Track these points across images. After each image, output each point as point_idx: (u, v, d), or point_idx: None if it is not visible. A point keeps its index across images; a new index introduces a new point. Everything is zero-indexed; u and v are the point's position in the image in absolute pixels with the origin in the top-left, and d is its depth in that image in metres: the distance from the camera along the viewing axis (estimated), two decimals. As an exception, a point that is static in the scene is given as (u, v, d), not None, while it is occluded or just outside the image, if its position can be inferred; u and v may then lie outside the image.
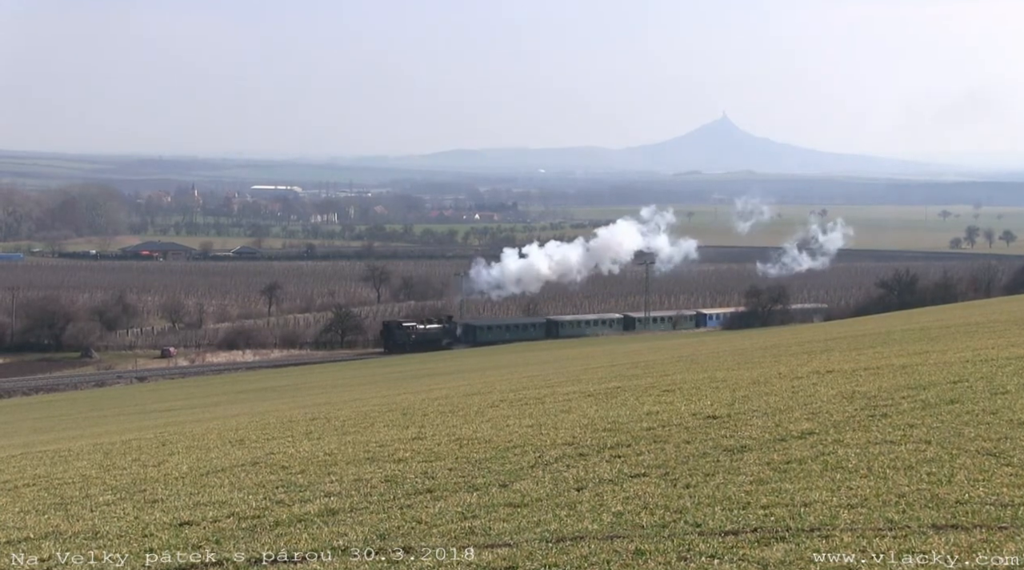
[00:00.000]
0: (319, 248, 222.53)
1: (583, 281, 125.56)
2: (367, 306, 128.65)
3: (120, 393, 67.98)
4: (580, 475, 9.96)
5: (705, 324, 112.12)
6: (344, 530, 8.54)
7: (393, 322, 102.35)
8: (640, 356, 41.71)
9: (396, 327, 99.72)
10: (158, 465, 14.02)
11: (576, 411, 15.49)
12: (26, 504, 11.73)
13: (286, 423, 19.32)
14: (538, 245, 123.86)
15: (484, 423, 15.05)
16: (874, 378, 16.15)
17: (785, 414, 12.66)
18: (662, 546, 7.33)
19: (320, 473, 11.50)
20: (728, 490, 8.78)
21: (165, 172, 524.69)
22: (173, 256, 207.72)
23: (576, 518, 8.28)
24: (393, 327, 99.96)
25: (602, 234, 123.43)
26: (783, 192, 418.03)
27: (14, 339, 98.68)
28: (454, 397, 22.29)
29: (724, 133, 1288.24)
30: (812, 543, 7.15)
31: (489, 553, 7.51)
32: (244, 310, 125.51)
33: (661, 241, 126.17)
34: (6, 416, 50.18)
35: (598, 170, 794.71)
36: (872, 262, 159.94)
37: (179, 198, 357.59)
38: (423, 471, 10.95)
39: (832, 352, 24.74)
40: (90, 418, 41.29)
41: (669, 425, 12.58)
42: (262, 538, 8.58)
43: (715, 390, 16.60)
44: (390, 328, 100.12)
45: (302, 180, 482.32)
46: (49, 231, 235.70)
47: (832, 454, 9.92)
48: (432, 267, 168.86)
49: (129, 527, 9.52)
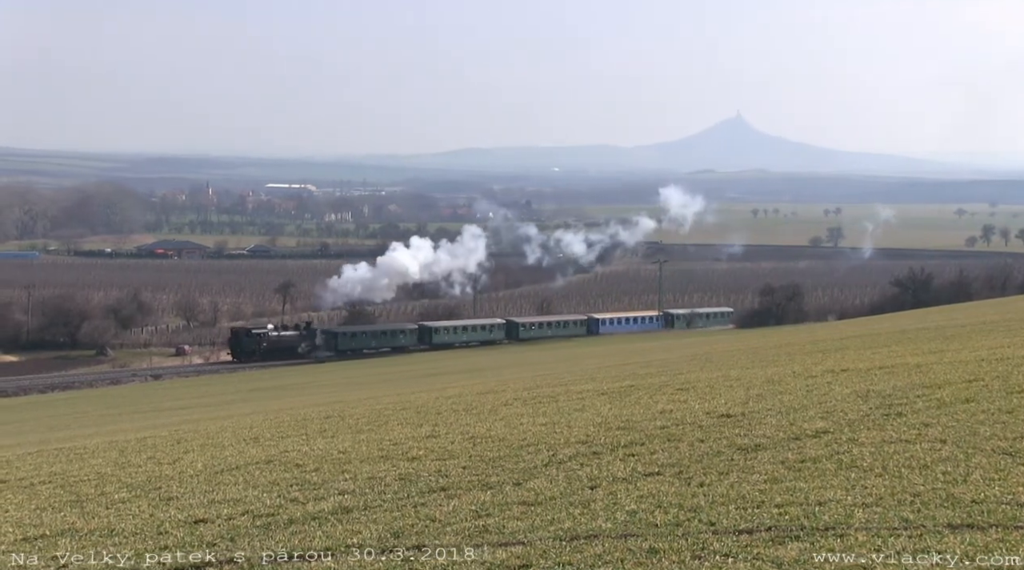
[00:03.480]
0: (333, 246, 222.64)
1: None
2: (382, 305, 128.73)
3: (135, 391, 68.21)
4: (594, 473, 9.96)
5: (598, 331, 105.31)
6: (358, 528, 8.55)
7: (241, 328, 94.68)
8: (652, 355, 41.65)
9: (245, 334, 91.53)
10: (173, 463, 14.07)
11: (590, 409, 15.47)
12: (42, 501, 11.79)
13: (300, 421, 19.36)
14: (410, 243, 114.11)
15: (498, 421, 15.05)
16: (889, 377, 16.09)
17: (799, 413, 12.63)
18: (676, 545, 7.32)
19: (334, 471, 11.52)
20: (742, 489, 8.76)
21: (179, 171, 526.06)
22: (188, 254, 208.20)
23: (590, 516, 8.27)
24: (241, 334, 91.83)
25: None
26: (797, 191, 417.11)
27: (30, 337, 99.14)
28: (468, 395, 22.30)
29: (738, 131, 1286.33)
30: (827, 542, 7.13)
31: (503, 551, 7.51)
32: (258, 308, 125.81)
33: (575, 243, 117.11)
34: (22, 414, 50.41)
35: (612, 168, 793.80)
36: (886, 260, 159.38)
37: (194, 196, 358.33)
38: (437, 469, 10.95)
39: (846, 351, 24.66)
40: (105, 416, 41.44)
41: (683, 424, 12.56)
42: (276, 536, 8.61)
43: (729, 389, 16.56)
44: (238, 335, 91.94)
45: (316, 178, 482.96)
46: (64, 229, 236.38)
47: (847, 453, 9.89)
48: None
49: (144, 525, 9.55)
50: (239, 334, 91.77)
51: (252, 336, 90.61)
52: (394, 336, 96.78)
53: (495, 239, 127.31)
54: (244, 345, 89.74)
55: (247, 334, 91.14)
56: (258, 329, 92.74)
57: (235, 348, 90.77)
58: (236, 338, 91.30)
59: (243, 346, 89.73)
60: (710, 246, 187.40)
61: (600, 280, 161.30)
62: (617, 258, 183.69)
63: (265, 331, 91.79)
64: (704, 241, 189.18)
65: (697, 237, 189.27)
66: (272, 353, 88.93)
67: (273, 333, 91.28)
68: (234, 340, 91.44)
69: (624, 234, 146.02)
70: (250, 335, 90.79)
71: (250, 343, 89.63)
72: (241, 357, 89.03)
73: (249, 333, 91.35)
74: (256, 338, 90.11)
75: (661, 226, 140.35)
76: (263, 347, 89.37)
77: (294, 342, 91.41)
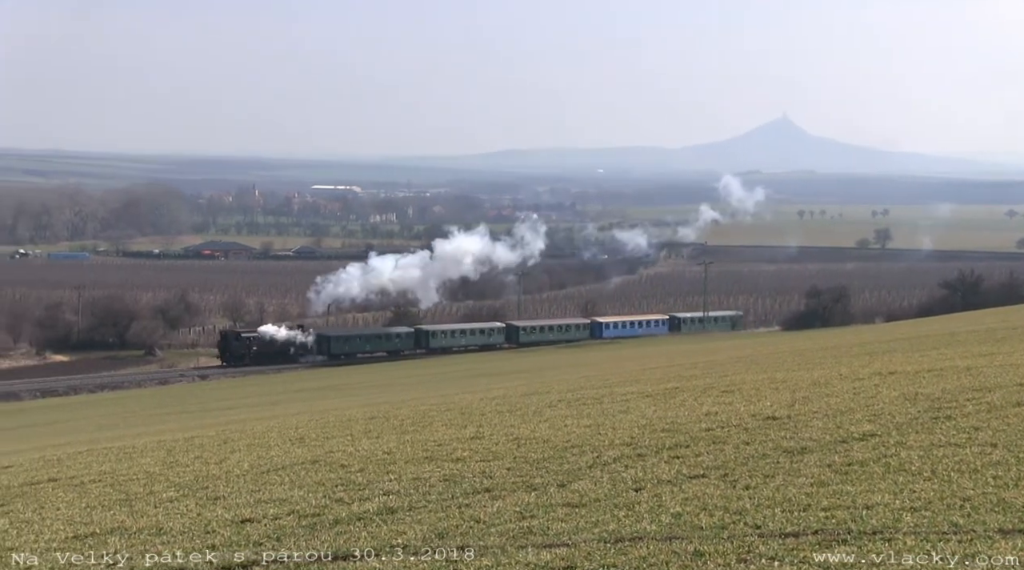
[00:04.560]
0: (378, 247, 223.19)
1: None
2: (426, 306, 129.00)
3: (182, 391, 68.88)
4: (638, 475, 9.93)
5: (601, 335, 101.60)
6: (403, 529, 8.59)
7: (231, 331, 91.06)
8: (699, 356, 41.44)
9: (234, 337, 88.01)
10: (220, 462, 14.19)
11: (634, 411, 15.43)
12: (92, 500, 11.93)
13: (345, 422, 19.45)
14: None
15: (542, 423, 15.05)
16: (938, 380, 15.91)
17: (846, 415, 12.52)
18: (721, 548, 7.29)
19: (379, 472, 11.57)
20: (788, 492, 8.70)
21: (226, 172, 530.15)
22: (234, 255, 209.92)
23: (635, 519, 8.25)
24: (231, 337, 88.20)
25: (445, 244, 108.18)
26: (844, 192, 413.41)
27: (80, 337, 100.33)
28: (512, 397, 22.31)
29: (784, 132, 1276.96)
30: (875, 546, 7.06)
31: (547, 553, 7.51)
32: (304, 309, 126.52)
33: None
34: (72, 413, 51.06)
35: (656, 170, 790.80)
36: (935, 262, 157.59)
37: (240, 198, 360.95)
38: (481, 470, 10.97)
39: (894, 353, 24.41)
40: (154, 416, 41.90)
41: (728, 426, 12.49)
42: (321, 536, 8.66)
43: (775, 391, 16.45)
44: (227, 338, 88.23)
45: (361, 180, 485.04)
46: (113, 231, 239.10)
47: (895, 456, 9.79)
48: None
49: (192, 524, 9.65)
50: (228, 337, 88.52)
51: (241, 339, 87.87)
52: (389, 340, 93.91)
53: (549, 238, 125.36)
54: (233, 348, 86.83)
55: (236, 337, 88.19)
56: (248, 332, 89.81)
57: (224, 351, 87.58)
58: (225, 341, 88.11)
59: (232, 349, 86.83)
60: (756, 248, 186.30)
61: (646, 282, 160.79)
62: (663, 260, 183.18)
63: (255, 334, 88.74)
64: (750, 242, 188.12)
65: (743, 238, 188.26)
66: (263, 357, 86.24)
67: (266, 337, 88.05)
68: (223, 343, 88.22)
69: (683, 231, 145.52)
70: (239, 338, 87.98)
71: (239, 346, 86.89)
72: (230, 361, 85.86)
73: (239, 336, 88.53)
74: (246, 341, 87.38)
75: (721, 217, 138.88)
76: (253, 351, 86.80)
77: (285, 346, 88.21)
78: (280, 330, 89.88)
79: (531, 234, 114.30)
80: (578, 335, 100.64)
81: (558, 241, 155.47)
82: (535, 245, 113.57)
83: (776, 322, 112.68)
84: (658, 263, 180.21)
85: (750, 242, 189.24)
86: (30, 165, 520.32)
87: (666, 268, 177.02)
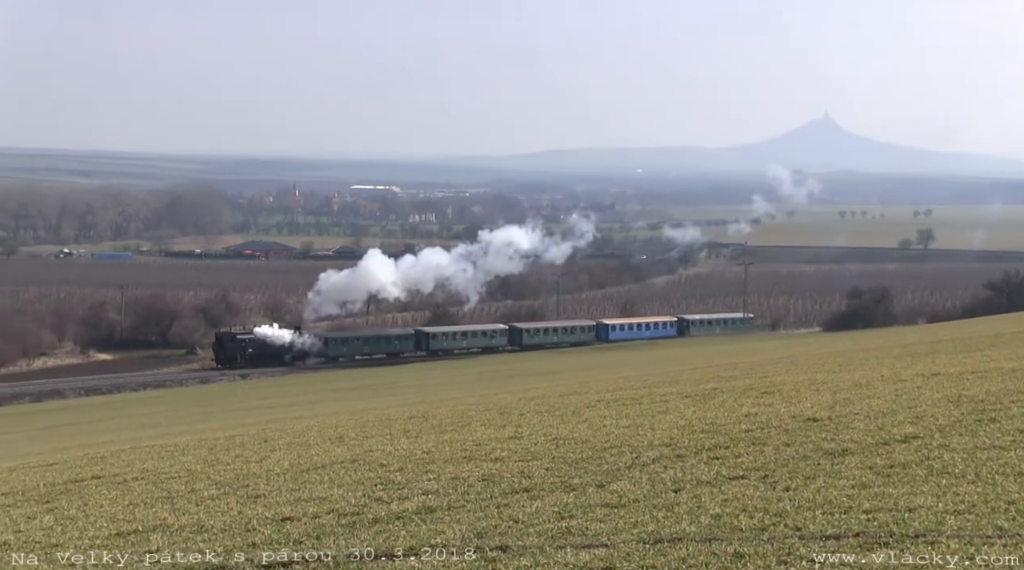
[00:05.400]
0: (417, 247, 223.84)
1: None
2: (465, 305, 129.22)
3: (223, 390, 69.43)
4: (678, 476, 9.89)
5: (608, 338, 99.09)
6: (442, 528, 8.61)
7: (226, 333, 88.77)
8: (738, 357, 41.24)
9: (229, 339, 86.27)
10: (260, 461, 14.28)
11: (673, 412, 15.38)
12: (135, 497, 12.04)
13: (384, 421, 19.52)
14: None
15: (581, 423, 15.03)
16: (982, 382, 15.73)
17: (888, 417, 12.41)
18: (761, 549, 7.25)
19: (418, 471, 11.60)
20: (829, 494, 8.64)
21: (267, 173, 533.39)
22: (275, 255, 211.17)
23: (674, 520, 8.22)
24: (225, 339, 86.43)
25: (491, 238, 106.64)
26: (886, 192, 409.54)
27: (123, 336, 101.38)
28: (551, 397, 22.30)
29: (826, 132, 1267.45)
30: (917, 549, 7.00)
31: (586, 553, 7.50)
32: (343, 309, 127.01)
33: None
34: (115, 411, 51.60)
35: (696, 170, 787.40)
36: (979, 263, 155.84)
37: (280, 198, 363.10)
38: (520, 470, 10.97)
39: (937, 355, 24.18)
40: (195, 414, 42.27)
41: (768, 427, 12.42)
42: (361, 534, 8.69)
43: (815, 392, 16.34)
44: (222, 340, 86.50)
45: (400, 180, 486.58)
46: (156, 230, 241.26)
47: (937, 459, 9.70)
48: (529, 266, 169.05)
49: (233, 522, 9.71)
50: (223, 339, 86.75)
51: (236, 341, 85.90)
52: (388, 342, 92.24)
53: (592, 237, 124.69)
54: (228, 351, 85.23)
55: (231, 339, 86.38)
56: (242, 334, 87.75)
57: (219, 354, 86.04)
58: (220, 343, 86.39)
59: (227, 352, 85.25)
60: (796, 248, 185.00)
61: (685, 282, 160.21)
62: (703, 260, 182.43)
63: (250, 336, 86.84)
64: (790, 243, 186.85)
65: (784, 239, 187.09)
66: (258, 359, 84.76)
67: (261, 338, 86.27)
68: (218, 345, 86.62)
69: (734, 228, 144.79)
70: (234, 340, 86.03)
71: (234, 348, 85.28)
72: (224, 363, 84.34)
73: (234, 338, 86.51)
74: (241, 343, 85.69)
75: (774, 210, 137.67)
76: (248, 352, 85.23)
77: (280, 348, 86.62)
78: (275, 331, 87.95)
79: (584, 221, 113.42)
80: (583, 337, 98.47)
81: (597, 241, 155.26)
82: (585, 228, 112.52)
83: (817, 323, 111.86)
84: (699, 263, 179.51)
85: (790, 243, 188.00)
86: (75, 165, 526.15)
87: (706, 268, 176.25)
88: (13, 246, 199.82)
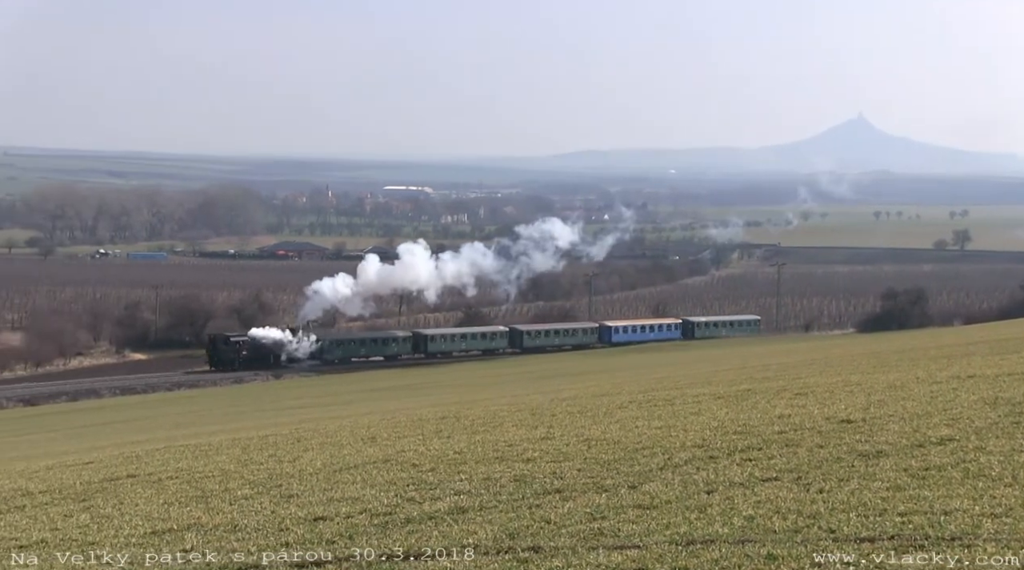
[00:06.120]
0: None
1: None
2: (497, 306, 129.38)
3: (257, 390, 69.84)
4: (710, 478, 9.86)
5: (610, 340, 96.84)
6: (474, 528, 8.61)
7: (220, 335, 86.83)
8: (771, 358, 41.05)
9: (223, 341, 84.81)
10: (293, 461, 14.35)
11: (706, 413, 15.34)
12: (169, 496, 12.14)
13: (416, 421, 19.56)
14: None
15: (613, 424, 15.01)
16: (1019, 384, 15.58)
17: (923, 419, 12.32)
18: (795, 551, 7.21)
19: (450, 471, 11.62)
20: (863, 496, 8.59)
21: (300, 173, 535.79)
22: (308, 256, 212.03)
23: (706, 521, 8.20)
24: (219, 341, 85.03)
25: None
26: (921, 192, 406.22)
27: (158, 336, 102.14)
28: (583, 398, 22.28)
29: (860, 132, 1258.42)
30: (953, 553, 6.94)
31: (618, 554, 7.49)
32: (376, 309, 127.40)
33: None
34: (150, 410, 52.02)
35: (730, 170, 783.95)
36: (1017, 264, 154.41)
37: (313, 199, 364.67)
38: (552, 471, 10.97)
39: (973, 356, 23.96)
40: (228, 414, 42.54)
41: (801, 429, 12.35)
42: (393, 534, 8.72)
43: (849, 394, 16.24)
44: (216, 342, 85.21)
45: (432, 181, 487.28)
46: (190, 231, 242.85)
47: (974, 461, 9.61)
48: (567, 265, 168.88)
49: (266, 521, 9.77)
50: (217, 341, 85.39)
51: (230, 343, 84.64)
52: (385, 344, 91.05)
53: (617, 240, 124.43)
54: (222, 353, 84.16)
55: (225, 341, 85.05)
56: (236, 336, 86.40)
57: (213, 356, 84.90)
58: (214, 345, 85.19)
59: (221, 354, 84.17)
60: (830, 249, 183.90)
61: (717, 283, 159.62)
62: (736, 261, 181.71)
63: (244, 338, 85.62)
64: (824, 244, 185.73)
65: (817, 240, 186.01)
66: (253, 361, 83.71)
67: (258, 341, 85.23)
68: (212, 348, 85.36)
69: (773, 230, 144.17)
70: (228, 343, 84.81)
71: (228, 351, 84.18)
72: (219, 366, 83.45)
73: (227, 340, 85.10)
74: (235, 345, 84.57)
75: (816, 204, 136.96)
76: (242, 355, 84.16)
77: (275, 350, 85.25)
78: (270, 333, 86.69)
79: (625, 211, 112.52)
80: (585, 340, 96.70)
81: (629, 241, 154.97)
82: (626, 214, 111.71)
83: (851, 324, 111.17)
84: (731, 264, 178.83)
85: (824, 243, 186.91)
86: (110, 166, 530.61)
87: (739, 269, 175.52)
88: (50, 247, 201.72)
